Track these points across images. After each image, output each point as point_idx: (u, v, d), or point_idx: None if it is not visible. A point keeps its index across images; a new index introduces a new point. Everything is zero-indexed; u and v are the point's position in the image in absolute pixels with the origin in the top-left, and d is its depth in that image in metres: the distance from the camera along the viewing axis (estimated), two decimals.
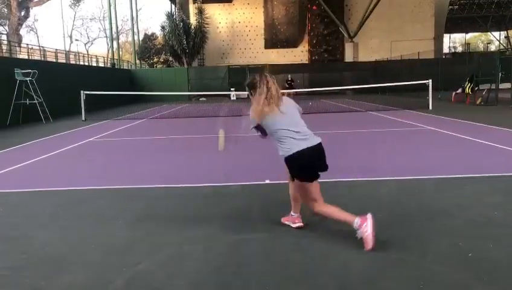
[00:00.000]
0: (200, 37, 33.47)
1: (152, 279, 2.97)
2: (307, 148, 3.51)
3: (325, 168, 3.67)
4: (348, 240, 3.52)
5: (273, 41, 38.53)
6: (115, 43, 38.07)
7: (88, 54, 36.37)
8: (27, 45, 22.08)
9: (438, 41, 38.91)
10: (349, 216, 3.45)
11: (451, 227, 3.75)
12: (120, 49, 42.32)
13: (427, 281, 2.80)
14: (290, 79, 28.51)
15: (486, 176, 5.49)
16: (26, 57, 20.47)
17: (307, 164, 3.52)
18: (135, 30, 41.95)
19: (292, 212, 3.94)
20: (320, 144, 3.64)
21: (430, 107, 15.92)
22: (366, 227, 3.31)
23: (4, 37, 34.32)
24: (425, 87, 17.11)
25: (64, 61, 26.03)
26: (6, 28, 38.81)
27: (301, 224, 3.86)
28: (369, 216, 3.36)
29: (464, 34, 70.67)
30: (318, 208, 3.59)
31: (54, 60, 23.05)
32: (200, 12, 34.19)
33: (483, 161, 6.57)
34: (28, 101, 15.08)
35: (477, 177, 5.49)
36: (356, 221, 3.36)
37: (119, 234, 3.85)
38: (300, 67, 33.85)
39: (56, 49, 24.21)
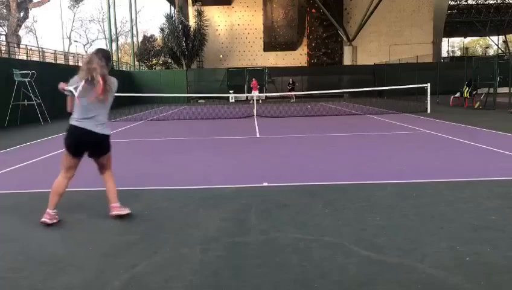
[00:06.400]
0: (199, 39, 33.48)
1: (149, 281, 2.97)
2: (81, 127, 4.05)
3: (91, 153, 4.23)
4: (346, 243, 3.52)
5: (272, 44, 38.61)
6: (114, 44, 38.10)
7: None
8: (26, 46, 22.06)
9: (436, 45, 39.05)
10: (52, 203, 4.14)
11: (449, 231, 3.75)
12: (119, 51, 42.36)
13: (425, 285, 2.79)
14: (291, 82, 28.60)
15: (484, 180, 5.50)
16: (24, 58, 20.44)
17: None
18: (134, 32, 41.98)
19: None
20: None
21: (429, 111, 15.97)
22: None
23: (3, 38, 34.30)
24: (423, 91, 17.16)
25: (63, 62, 26.01)
26: (5, 28, 38.81)
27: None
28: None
29: (462, 38, 70.96)
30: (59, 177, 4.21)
31: (53, 61, 23.04)
32: (199, 14, 34.21)
33: (481, 164, 6.59)
34: (26, 102, 15.06)
35: (475, 181, 5.50)
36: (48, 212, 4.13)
37: (117, 236, 3.84)
38: (299, 70, 33.90)
39: (55, 51, 24.21)
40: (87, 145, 4.14)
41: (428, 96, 16.58)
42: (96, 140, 4.12)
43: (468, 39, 75.05)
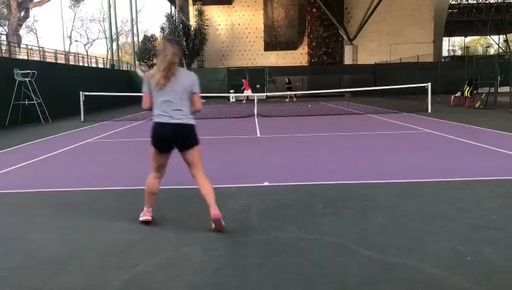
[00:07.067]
0: (199, 38, 33.50)
1: (150, 281, 2.97)
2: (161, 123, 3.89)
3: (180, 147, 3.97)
4: (347, 243, 3.52)
5: (272, 43, 38.58)
6: (114, 44, 38.11)
7: (87, 55, 36.39)
8: (26, 45, 22.05)
9: (437, 44, 39.01)
10: (147, 202, 4.14)
11: (450, 230, 3.75)
12: (119, 51, 42.38)
13: (426, 285, 2.79)
14: (288, 81, 28.72)
15: (485, 180, 5.50)
16: (25, 58, 20.44)
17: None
18: (135, 31, 41.99)
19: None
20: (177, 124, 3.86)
21: (429, 110, 15.96)
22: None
23: (4, 37, 34.31)
24: (424, 90, 17.15)
25: (63, 62, 26.01)
26: (6, 28, 38.83)
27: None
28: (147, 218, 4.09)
29: (463, 38, 70.91)
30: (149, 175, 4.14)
31: (53, 61, 23.04)
32: (200, 14, 34.23)
33: (482, 164, 6.58)
34: (27, 102, 15.07)
35: (476, 180, 5.49)
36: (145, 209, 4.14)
37: (118, 235, 3.84)
38: (300, 70, 33.89)
39: (55, 50, 24.21)
40: (170, 138, 3.88)
41: (429, 95, 16.57)
42: (176, 131, 3.84)
43: (469, 38, 75.00)
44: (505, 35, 60.56)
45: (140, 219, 4.10)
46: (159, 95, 3.83)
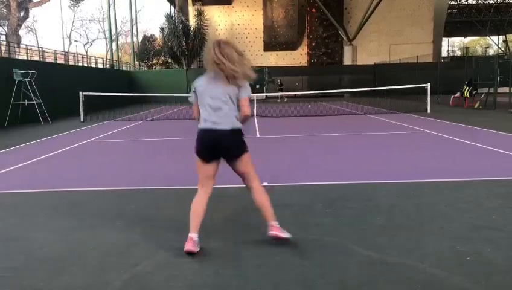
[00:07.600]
0: (199, 39, 33.48)
1: (150, 281, 2.97)
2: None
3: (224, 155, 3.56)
4: (346, 243, 3.52)
5: (272, 43, 38.60)
6: (114, 44, 38.12)
7: (87, 55, 36.37)
8: (26, 45, 22.05)
9: (436, 44, 39.05)
10: (192, 225, 3.51)
11: (450, 230, 3.76)
12: (119, 51, 42.41)
13: (426, 285, 2.80)
14: (280, 83, 28.88)
15: (485, 180, 5.50)
16: (25, 58, 20.44)
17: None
18: (134, 32, 41.99)
19: (273, 221, 3.56)
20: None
21: (429, 111, 15.97)
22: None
23: (3, 37, 34.29)
24: (423, 90, 17.17)
25: (63, 62, 26.01)
26: (6, 28, 38.81)
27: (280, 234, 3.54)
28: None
29: (462, 38, 70.98)
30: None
31: (53, 61, 23.04)
32: (200, 14, 34.22)
33: (482, 164, 6.59)
34: (26, 102, 15.06)
35: (475, 181, 5.50)
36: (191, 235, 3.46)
37: (118, 235, 3.84)
38: (299, 70, 33.89)
39: (55, 50, 24.20)
40: (212, 146, 3.48)
41: (429, 96, 16.58)
42: (218, 138, 3.43)
43: (468, 39, 75.07)
44: (504, 36, 60.58)
45: (184, 249, 3.39)
46: (205, 99, 3.45)
